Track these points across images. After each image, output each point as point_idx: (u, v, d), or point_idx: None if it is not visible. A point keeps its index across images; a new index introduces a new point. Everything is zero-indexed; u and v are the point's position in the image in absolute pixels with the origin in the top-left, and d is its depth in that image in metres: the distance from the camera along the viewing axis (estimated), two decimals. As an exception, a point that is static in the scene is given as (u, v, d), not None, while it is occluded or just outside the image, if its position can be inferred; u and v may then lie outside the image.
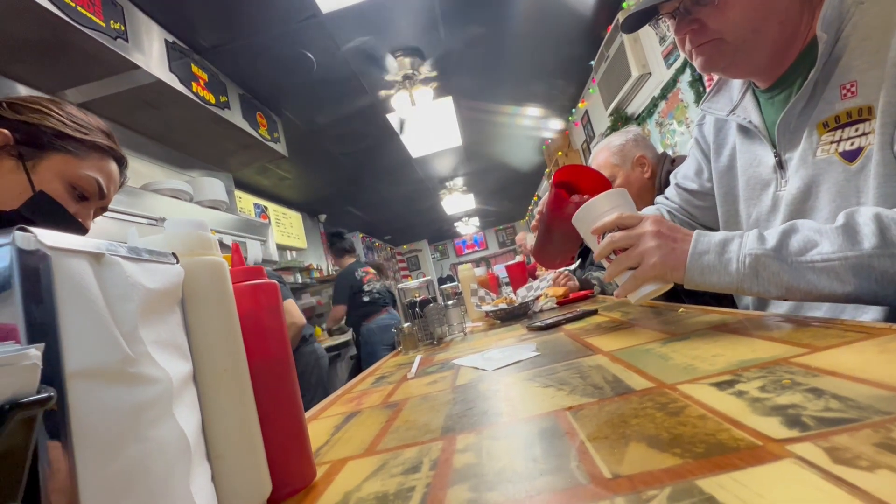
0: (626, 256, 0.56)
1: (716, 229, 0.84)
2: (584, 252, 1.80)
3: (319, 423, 0.57)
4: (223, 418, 0.27)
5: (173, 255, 0.26)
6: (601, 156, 1.33)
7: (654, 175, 1.27)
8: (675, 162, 1.23)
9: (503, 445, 0.34)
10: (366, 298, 3.07)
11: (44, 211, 0.61)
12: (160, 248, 0.27)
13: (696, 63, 0.66)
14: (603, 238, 0.60)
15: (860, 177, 0.54)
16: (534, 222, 0.92)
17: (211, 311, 0.28)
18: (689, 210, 0.88)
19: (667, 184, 1.19)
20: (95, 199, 0.68)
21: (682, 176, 0.89)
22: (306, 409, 0.84)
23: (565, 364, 0.56)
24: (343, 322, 3.18)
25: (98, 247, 0.20)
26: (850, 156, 0.55)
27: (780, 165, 0.64)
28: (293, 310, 2.26)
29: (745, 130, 0.70)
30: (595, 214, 0.62)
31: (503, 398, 0.48)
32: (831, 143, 0.57)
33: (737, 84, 0.72)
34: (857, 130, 0.54)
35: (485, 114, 3.64)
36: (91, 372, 0.18)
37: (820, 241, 0.48)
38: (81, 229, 0.66)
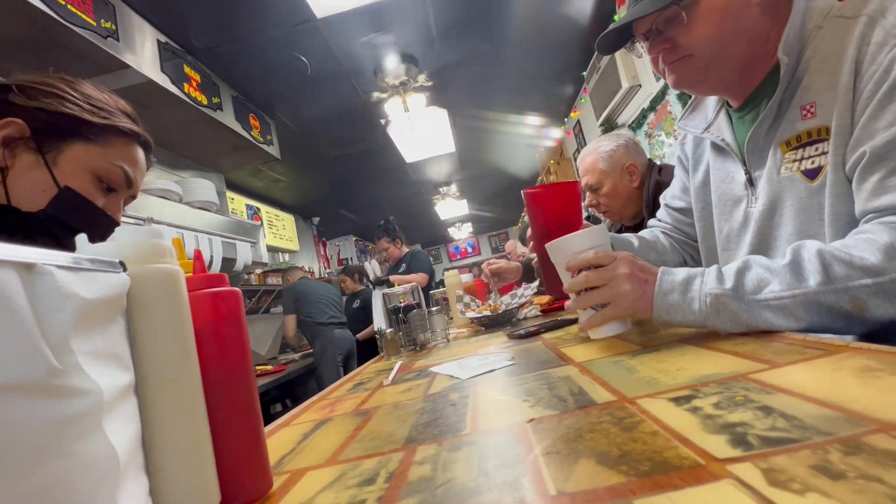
0: (599, 294, 0.57)
1: None
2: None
3: (289, 431, 0.57)
4: (169, 429, 0.27)
5: (120, 263, 0.26)
6: (589, 159, 1.30)
7: (643, 184, 1.25)
8: (662, 170, 1.23)
9: (460, 458, 0.34)
10: None
11: (72, 208, 0.57)
12: (109, 256, 0.26)
13: (669, 81, 0.68)
14: (577, 273, 0.60)
15: (821, 194, 0.56)
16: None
17: (161, 320, 0.28)
18: (681, 228, 0.88)
19: (654, 192, 1.19)
20: (123, 189, 0.63)
21: (671, 196, 0.90)
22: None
23: (536, 374, 0.56)
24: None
25: (30, 256, 0.20)
26: (812, 174, 0.57)
27: (751, 182, 0.66)
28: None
29: (718, 148, 0.72)
30: (571, 250, 0.62)
31: (470, 408, 0.48)
32: (794, 161, 0.58)
33: (711, 102, 0.74)
34: (816, 150, 0.56)
35: (478, 121, 3.66)
36: (9, 386, 0.18)
37: (771, 279, 0.49)
38: (112, 224, 0.62)
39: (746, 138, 0.63)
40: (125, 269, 0.26)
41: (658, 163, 1.30)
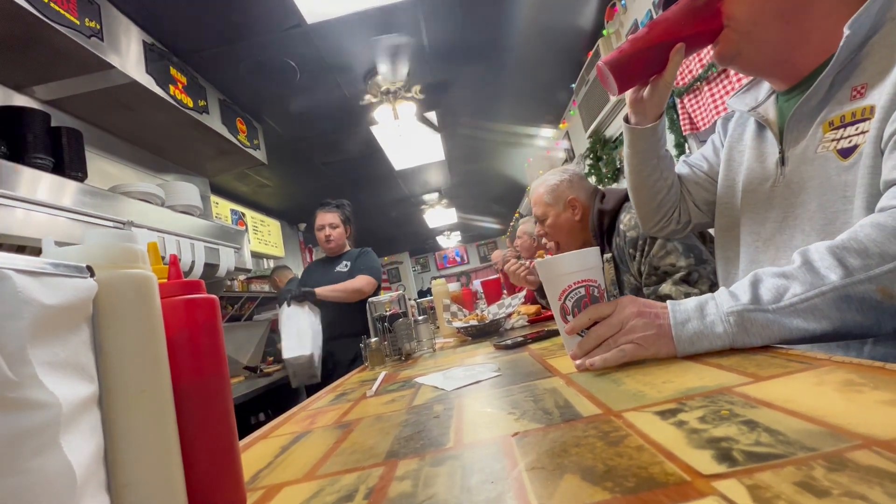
0: (615, 342, 0.54)
1: (703, 211, 0.86)
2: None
3: (267, 444, 0.55)
4: (135, 443, 0.26)
5: (87, 268, 0.25)
6: (538, 191, 1.34)
7: (585, 216, 1.27)
8: (604, 198, 1.24)
9: (442, 473, 0.33)
10: None
11: None
12: (77, 260, 0.25)
13: (714, 52, 0.68)
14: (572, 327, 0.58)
15: (849, 172, 0.55)
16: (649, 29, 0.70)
17: (130, 328, 0.27)
18: (689, 186, 0.87)
19: (598, 223, 1.22)
20: None
21: (695, 157, 0.90)
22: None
23: (522, 386, 0.55)
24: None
25: (-14, 259, 0.19)
26: (846, 153, 0.56)
27: (782, 161, 0.65)
28: None
29: (759, 127, 0.72)
30: (560, 271, 0.61)
31: (455, 421, 0.47)
32: (832, 140, 0.58)
33: (766, 86, 0.74)
34: (856, 129, 0.55)
35: (468, 130, 3.68)
36: (-43, 398, 0.16)
37: (789, 284, 0.47)
38: None
39: (790, 114, 0.63)
40: (93, 275, 0.25)
41: (602, 188, 1.31)
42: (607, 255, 1.22)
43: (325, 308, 2.07)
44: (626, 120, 0.81)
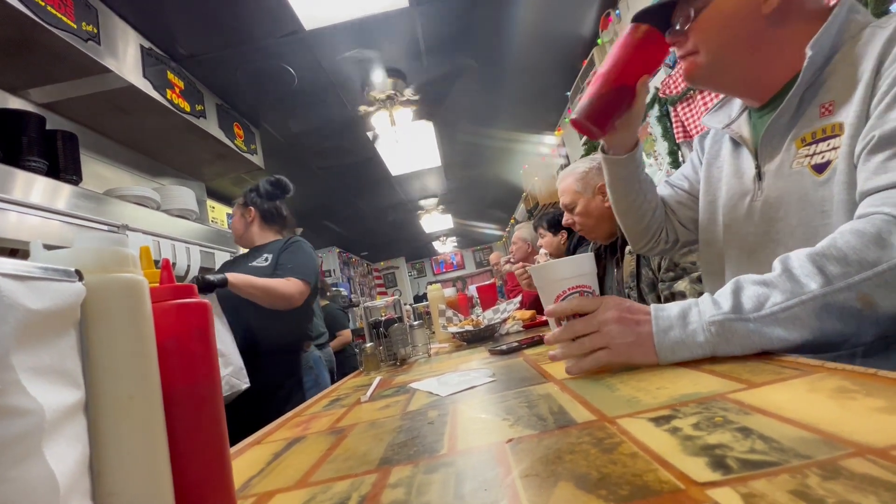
0: (590, 341, 0.53)
1: (689, 229, 0.87)
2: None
3: (259, 450, 0.54)
4: (122, 450, 0.25)
5: (76, 271, 0.24)
6: (567, 180, 1.35)
7: None
8: None
9: (436, 480, 0.33)
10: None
11: None
12: (66, 264, 0.25)
13: (683, 75, 0.70)
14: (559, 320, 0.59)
15: (825, 187, 0.56)
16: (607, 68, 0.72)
17: (119, 333, 0.26)
18: (672, 205, 0.88)
19: None
20: None
21: (675, 177, 0.91)
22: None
23: (516, 392, 0.55)
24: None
25: (-29, 263, 0.18)
26: (820, 168, 0.57)
27: (759, 177, 0.66)
28: None
29: (735, 143, 0.73)
30: (553, 277, 0.61)
31: (449, 427, 0.46)
32: (806, 156, 0.59)
33: (738, 102, 0.75)
34: (828, 145, 0.56)
35: (465, 136, 3.69)
36: (-63, 404, 0.16)
37: (770, 292, 0.47)
38: None
39: (763, 131, 0.64)
40: (81, 279, 0.25)
41: None
42: (629, 247, 1.22)
43: (246, 310, 1.48)
44: (604, 150, 0.82)
